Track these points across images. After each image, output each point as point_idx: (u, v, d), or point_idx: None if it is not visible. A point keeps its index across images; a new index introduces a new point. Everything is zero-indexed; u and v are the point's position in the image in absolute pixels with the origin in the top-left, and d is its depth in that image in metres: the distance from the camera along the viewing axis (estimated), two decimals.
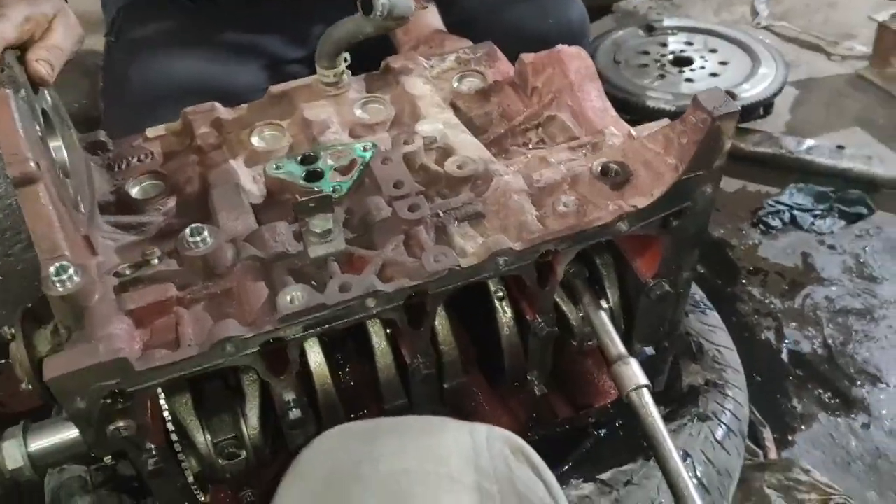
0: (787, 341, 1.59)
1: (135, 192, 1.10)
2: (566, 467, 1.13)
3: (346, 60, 1.18)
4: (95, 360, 0.76)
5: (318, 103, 1.17)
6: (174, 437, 0.90)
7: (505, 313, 1.00)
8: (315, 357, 0.94)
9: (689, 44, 2.37)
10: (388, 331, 0.98)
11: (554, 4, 1.67)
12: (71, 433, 0.87)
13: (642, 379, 0.97)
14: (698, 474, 1.03)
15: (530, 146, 1.15)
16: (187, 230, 0.87)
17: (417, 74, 1.22)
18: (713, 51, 2.33)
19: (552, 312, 0.99)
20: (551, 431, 1.16)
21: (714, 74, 2.23)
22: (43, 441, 0.91)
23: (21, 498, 1.09)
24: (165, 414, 0.89)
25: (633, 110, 2.12)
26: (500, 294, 0.99)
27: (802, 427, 1.43)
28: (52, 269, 0.83)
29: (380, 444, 0.75)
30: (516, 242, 0.89)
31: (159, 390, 0.88)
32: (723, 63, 2.27)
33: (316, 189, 1.00)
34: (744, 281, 1.73)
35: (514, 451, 0.78)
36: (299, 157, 1.04)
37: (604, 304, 1.05)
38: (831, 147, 2.00)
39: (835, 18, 2.71)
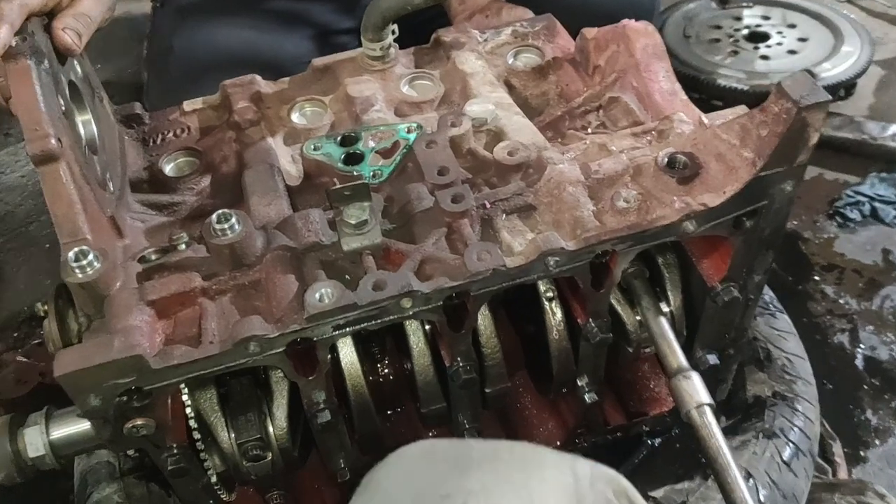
0: (862, 346, 1.47)
1: (168, 169, 1.05)
2: None
3: (393, 33, 1.11)
4: (109, 356, 0.71)
5: (362, 78, 1.10)
6: (196, 436, 0.85)
7: (554, 315, 0.92)
8: (348, 355, 0.88)
9: (766, 18, 2.21)
10: (427, 328, 0.91)
11: None
12: None
13: (705, 396, 0.88)
14: (762, 498, 0.94)
15: (590, 130, 1.06)
16: (214, 216, 0.81)
17: (470, 49, 1.13)
18: (792, 26, 2.17)
19: (606, 316, 0.90)
20: (602, 439, 1.08)
21: (792, 52, 2.08)
22: (65, 429, 0.87)
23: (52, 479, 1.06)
24: (188, 411, 0.84)
25: (702, 89, 1.99)
26: (550, 294, 0.91)
27: (877, 442, 1.32)
28: (70, 253, 0.78)
29: (472, 477, 0.64)
30: (569, 241, 0.81)
31: (182, 385, 0.83)
32: (802, 39, 2.11)
33: (355, 173, 0.93)
34: (817, 278, 1.61)
35: (618, 495, 0.68)
36: (339, 138, 0.97)
37: (664, 307, 0.96)
38: None
39: None
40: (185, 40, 1.39)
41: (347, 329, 0.77)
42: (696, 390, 0.88)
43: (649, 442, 1.12)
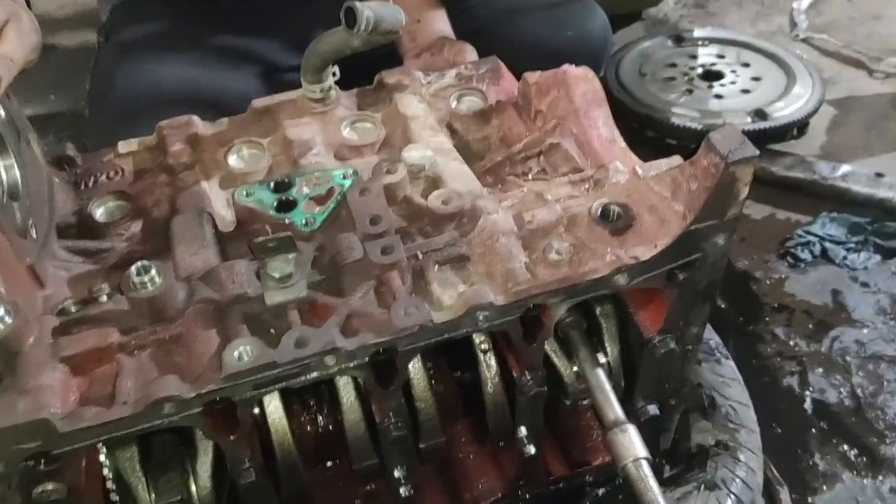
0: (811, 389, 1.46)
1: (98, 213, 1.02)
2: None
3: (334, 75, 1.09)
4: (12, 420, 0.68)
5: (302, 121, 1.08)
6: (115, 498, 0.81)
7: (489, 368, 0.90)
8: (274, 411, 0.85)
9: (721, 56, 2.23)
10: (358, 381, 0.88)
11: (573, 15, 1.56)
12: None
13: (641, 450, 0.86)
14: None
15: (530, 176, 1.05)
16: (133, 268, 0.79)
17: (413, 91, 1.12)
18: (746, 65, 2.19)
19: (541, 369, 0.88)
20: (544, 490, 1.06)
21: (745, 91, 2.09)
22: None
23: None
24: (105, 472, 0.80)
25: (657, 127, 2.00)
26: (485, 346, 0.89)
27: (824, 487, 1.31)
28: None
29: None
30: (500, 294, 0.79)
31: (100, 444, 0.79)
32: (755, 79, 2.13)
33: (287, 221, 0.91)
34: (767, 318, 1.60)
35: None
36: (272, 184, 0.94)
37: (602, 358, 0.94)
38: (869, 174, 1.86)
39: (879, 32, 2.55)
40: (127, 76, 1.37)
41: (269, 388, 0.75)
42: (632, 443, 0.87)
43: (594, 492, 1.10)
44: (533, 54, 1.27)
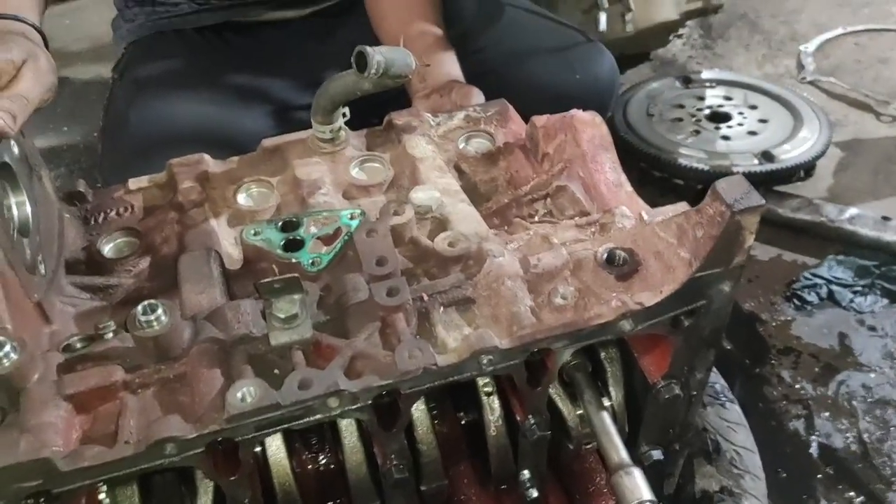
0: (817, 433, 1.46)
1: (107, 249, 1.02)
2: None
3: (344, 115, 1.11)
4: (14, 458, 0.68)
5: (311, 161, 1.09)
6: None
7: (493, 411, 0.89)
8: (276, 451, 0.85)
9: (728, 98, 2.25)
10: (360, 423, 0.88)
11: (581, 58, 1.58)
12: None
13: (646, 493, 0.85)
14: None
15: (537, 218, 1.05)
16: (139, 307, 0.79)
17: (421, 133, 1.13)
18: (753, 107, 2.21)
19: (545, 413, 0.88)
20: None
21: (752, 133, 2.11)
22: None
23: None
24: None
25: (664, 168, 2.01)
26: (489, 389, 0.89)
27: None
28: None
29: None
30: (505, 338, 0.79)
31: (101, 483, 0.79)
32: (762, 121, 2.15)
33: (294, 260, 0.92)
34: (773, 361, 1.60)
35: None
36: (280, 223, 0.95)
37: (606, 402, 0.94)
38: (876, 218, 1.86)
39: (886, 76, 2.57)
40: (141, 113, 1.39)
41: (272, 429, 0.75)
42: (636, 486, 0.86)
43: None
44: (541, 97, 1.28)
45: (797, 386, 1.55)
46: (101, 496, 0.80)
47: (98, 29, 2.98)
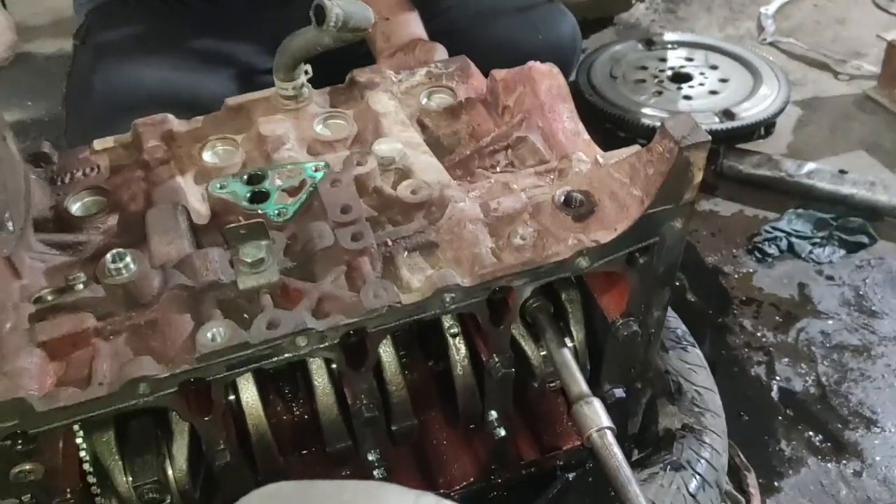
0: (778, 378, 1.51)
1: (74, 208, 1.03)
2: None
3: (306, 73, 1.12)
4: None
5: (275, 118, 1.10)
6: (92, 480, 0.83)
7: (458, 351, 0.92)
8: (248, 394, 0.88)
9: (690, 59, 2.28)
10: (331, 366, 0.91)
11: (544, 19, 1.60)
12: None
13: (605, 420, 0.89)
14: None
15: (498, 169, 1.08)
16: (108, 256, 0.81)
17: (384, 89, 1.15)
18: (714, 67, 2.24)
19: (508, 352, 0.91)
20: (516, 475, 1.09)
21: (713, 92, 2.15)
22: None
23: None
24: (83, 454, 0.82)
25: (628, 128, 2.04)
26: (455, 330, 0.92)
27: (790, 472, 1.34)
28: None
29: None
30: (466, 278, 0.82)
31: (77, 427, 0.81)
32: (723, 80, 2.19)
33: (260, 211, 0.93)
34: (736, 311, 1.65)
35: None
36: (245, 177, 0.97)
37: (568, 342, 0.97)
38: (833, 171, 1.91)
39: (844, 36, 2.62)
40: (105, 79, 1.39)
41: (242, 368, 0.77)
42: (596, 414, 0.89)
43: (564, 476, 1.13)
44: (505, 56, 1.30)
45: (759, 334, 1.60)
46: (78, 441, 0.82)
47: (58, 3, 2.94)
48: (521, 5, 1.62)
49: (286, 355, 0.78)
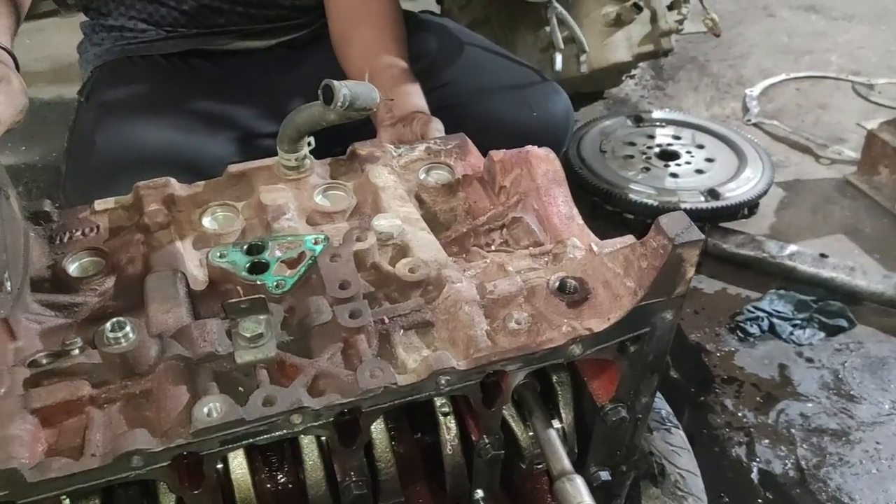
0: (758, 459, 1.52)
1: (72, 268, 1.04)
2: None
3: (309, 144, 1.14)
4: None
5: (276, 187, 1.12)
6: None
7: (449, 431, 0.93)
8: (238, 467, 0.88)
9: (677, 137, 2.35)
10: (322, 440, 0.91)
11: (538, 98, 1.65)
12: None
13: (587, 498, 0.89)
14: None
15: (493, 247, 1.10)
16: (108, 324, 0.81)
17: (383, 163, 1.18)
18: (700, 146, 2.31)
19: (499, 433, 0.92)
20: None
21: (699, 171, 2.21)
22: None
23: None
24: None
25: (615, 202, 2.09)
26: (446, 409, 0.93)
27: None
28: None
29: None
30: (462, 360, 0.83)
31: (64, 497, 0.80)
32: (709, 160, 2.25)
33: (258, 282, 0.95)
34: (717, 390, 1.67)
35: None
36: (245, 246, 0.98)
37: (556, 423, 0.98)
38: (814, 255, 1.96)
39: (825, 120, 2.71)
40: (107, 136, 1.40)
41: (236, 444, 0.77)
42: (578, 492, 0.90)
43: None
44: (500, 132, 1.34)
45: (739, 414, 1.62)
46: None
47: (58, 49, 2.99)
48: (516, 83, 1.66)
49: (281, 432, 0.78)
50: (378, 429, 0.91)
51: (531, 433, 0.97)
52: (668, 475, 1.17)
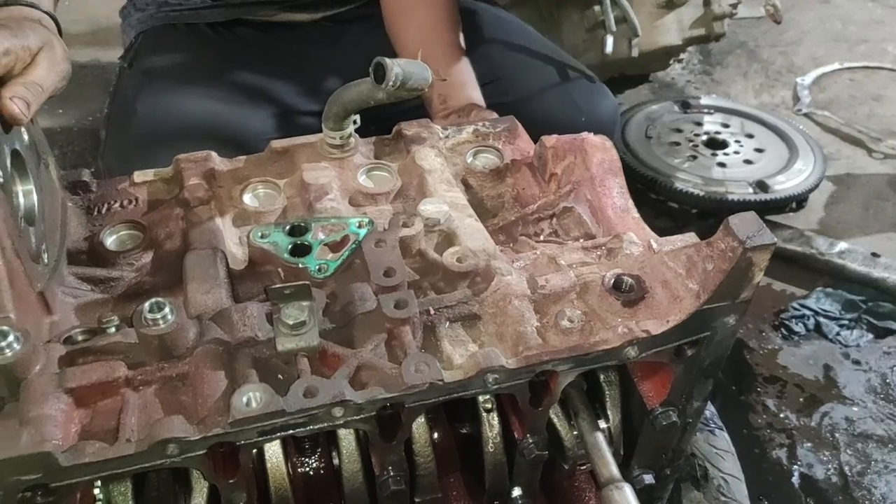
0: (799, 463, 1.47)
1: (109, 241, 1.02)
2: None
3: (355, 123, 1.10)
4: (15, 451, 0.67)
5: (319, 165, 1.09)
6: None
7: (492, 428, 0.90)
8: (273, 455, 0.85)
9: (726, 126, 2.28)
10: (360, 432, 0.88)
11: (585, 99, 1.59)
12: None
13: None
14: None
15: (542, 237, 1.06)
16: (146, 305, 0.78)
17: (430, 145, 1.14)
18: (750, 136, 2.23)
19: (544, 433, 0.88)
20: None
21: (748, 161, 2.13)
22: None
23: None
24: None
25: (660, 191, 2.03)
26: (489, 406, 0.90)
27: None
28: None
29: None
30: (510, 357, 0.80)
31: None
32: (759, 150, 2.17)
33: (300, 265, 0.91)
34: (759, 389, 1.62)
35: None
36: (287, 227, 0.95)
37: (602, 424, 0.94)
38: (865, 253, 1.89)
39: (880, 113, 2.61)
40: (149, 104, 1.38)
41: (274, 435, 0.74)
42: (626, 501, 0.86)
43: None
44: (546, 132, 1.29)
45: (781, 415, 1.57)
46: (96, 491, 0.79)
47: (97, 12, 2.96)
48: (565, 83, 1.61)
49: (321, 425, 0.75)
50: (418, 423, 0.88)
51: (576, 433, 0.94)
52: (711, 479, 1.13)
